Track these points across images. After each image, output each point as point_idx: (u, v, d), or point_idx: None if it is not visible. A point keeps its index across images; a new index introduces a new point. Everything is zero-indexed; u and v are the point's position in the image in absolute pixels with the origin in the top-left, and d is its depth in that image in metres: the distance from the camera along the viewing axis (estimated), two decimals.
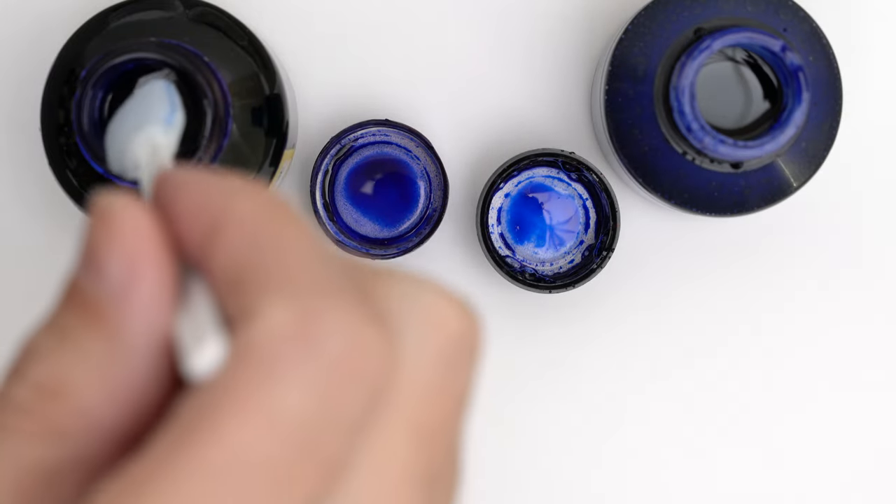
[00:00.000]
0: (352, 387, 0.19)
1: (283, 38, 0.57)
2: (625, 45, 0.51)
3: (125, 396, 0.20)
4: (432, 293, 0.21)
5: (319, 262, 0.20)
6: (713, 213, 0.52)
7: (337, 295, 0.19)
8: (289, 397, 0.19)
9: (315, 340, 0.19)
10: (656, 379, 0.58)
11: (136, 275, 0.20)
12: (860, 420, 0.58)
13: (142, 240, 0.20)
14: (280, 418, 0.19)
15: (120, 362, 0.20)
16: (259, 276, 0.20)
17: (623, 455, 0.58)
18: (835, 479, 0.58)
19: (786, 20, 0.51)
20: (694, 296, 0.58)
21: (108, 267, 0.20)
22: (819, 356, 0.58)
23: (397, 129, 0.55)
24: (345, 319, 0.19)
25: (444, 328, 0.21)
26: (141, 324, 0.20)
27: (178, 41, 0.49)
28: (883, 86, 0.58)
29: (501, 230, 0.57)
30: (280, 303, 0.19)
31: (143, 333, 0.20)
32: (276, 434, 0.18)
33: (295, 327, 0.19)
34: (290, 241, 0.20)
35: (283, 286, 0.19)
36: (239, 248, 0.20)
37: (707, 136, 0.48)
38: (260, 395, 0.19)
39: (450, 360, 0.21)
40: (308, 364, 0.19)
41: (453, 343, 0.21)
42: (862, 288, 0.58)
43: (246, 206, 0.20)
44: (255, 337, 0.19)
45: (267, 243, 0.20)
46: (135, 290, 0.20)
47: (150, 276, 0.20)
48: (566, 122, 0.58)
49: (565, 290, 0.55)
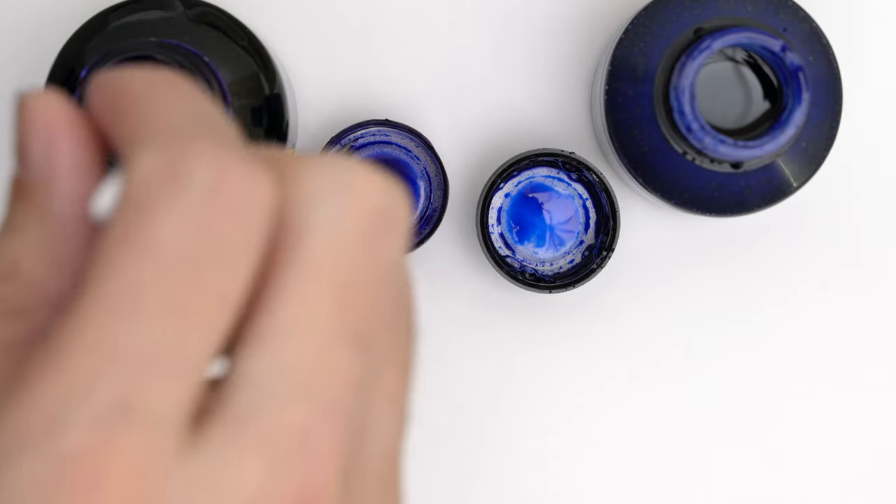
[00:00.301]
0: (224, 217, 0.20)
1: (283, 38, 0.57)
2: (625, 45, 0.51)
3: (67, 265, 0.22)
4: (352, 170, 0.22)
5: (199, 119, 0.22)
6: (713, 213, 0.52)
7: (205, 139, 0.21)
8: (163, 232, 0.20)
9: (181, 178, 0.20)
10: (656, 378, 0.58)
11: (53, 151, 0.22)
12: (860, 420, 0.58)
13: (54, 119, 0.23)
14: (161, 252, 0.20)
15: (55, 235, 0.22)
16: (138, 132, 0.22)
17: (624, 454, 0.58)
18: (834, 478, 0.58)
19: (786, 20, 0.51)
20: (694, 295, 0.58)
21: (31, 152, 0.23)
22: (819, 356, 0.58)
23: (397, 129, 0.55)
24: (210, 156, 0.21)
25: (364, 200, 0.22)
26: (64, 194, 0.22)
27: (178, 41, 0.49)
28: (883, 86, 0.58)
29: (501, 230, 0.57)
30: (150, 149, 0.21)
31: (68, 203, 0.22)
32: (162, 265, 0.20)
33: (162, 169, 0.21)
34: (174, 103, 0.22)
35: (156, 136, 0.21)
36: (125, 115, 0.22)
37: (707, 136, 0.48)
38: (137, 235, 0.20)
39: (370, 228, 0.22)
40: (176, 200, 0.20)
41: (373, 213, 0.22)
42: (862, 288, 0.58)
43: (139, 83, 0.23)
44: (129, 184, 0.21)
45: (149, 106, 0.22)
46: (54, 165, 0.22)
47: (65, 150, 0.22)
48: (566, 122, 0.58)
49: (565, 290, 0.55)
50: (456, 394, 0.58)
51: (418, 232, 0.56)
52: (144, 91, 0.22)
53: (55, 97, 0.23)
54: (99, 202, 0.22)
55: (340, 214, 0.22)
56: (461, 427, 0.58)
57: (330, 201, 0.22)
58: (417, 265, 0.58)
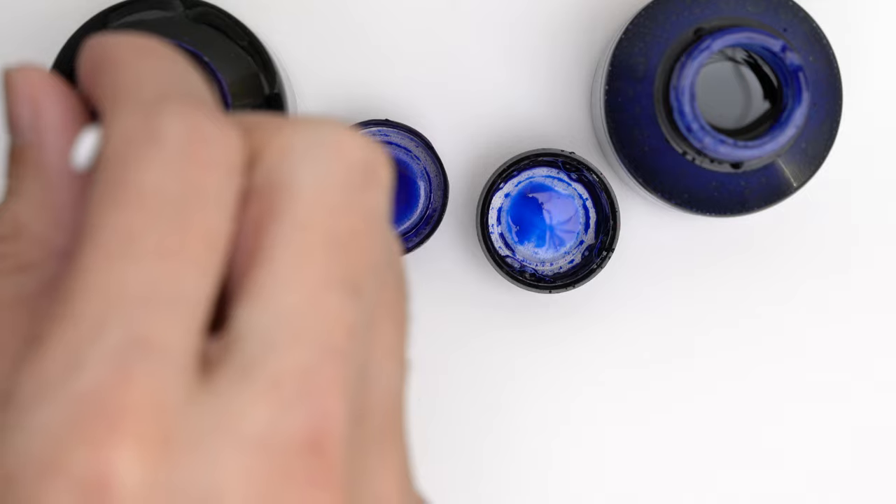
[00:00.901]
0: (198, 167, 0.22)
1: (283, 38, 0.57)
2: (625, 45, 0.51)
3: (66, 217, 0.24)
4: (333, 127, 0.23)
5: (175, 81, 0.23)
6: (713, 213, 0.52)
7: (178, 99, 0.22)
8: (145, 180, 0.21)
9: (155, 134, 0.22)
10: (656, 378, 0.58)
11: (39, 112, 0.24)
12: (860, 420, 0.58)
13: (36, 85, 0.24)
14: (145, 198, 0.21)
15: (51, 190, 0.24)
16: (116, 93, 0.23)
17: (624, 453, 0.58)
18: (834, 477, 0.58)
19: (786, 20, 0.51)
20: (694, 295, 0.58)
21: (20, 119, 0.24)
22: (819, 355, 0.58)
23: (397, 129, 0.55)
24: (182, 114, 0.22)
25: (346, 156, 0.23)
26: (53, 150, 0.24)
27: (178, 41, 0.49)
28: (883, 86, 0.58)
29: (501, 230, 0.57)
30: (127, 109, 0.22)
31: (58, 158, 0.24)
32: (148, 210, 0.21)
33: (138, 127, 0.22)
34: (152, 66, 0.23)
35: (133, 96, 0.23)
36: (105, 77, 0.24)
37: (707, 136, 0.48)
38: (122, 184, 0.21)
39: (355, 181, 0.23)
40: (153, 153, 0.22)
41: (356, 168, 0.23)
42: (862, 287, 0.58)
43: (122, 47, 0.24)
44: (108, 141, 0.22)
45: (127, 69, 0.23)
46: (41, 123, 0.24)
47: (49, 108, 0.24)
48: (566, 122, 0.58)
49: (565, 290, 0.55)
50: (456, 393, 0.58)
51: (418, 232, 0.56)
52: (125, 55, 0.24)
53: (36, 68, 0.24)
54: (78, 151, 0.23)
55: (325, 168, 0.23)
56: (461, 427, 0.58)
57: (313, 156, 0.23)
58: (417, 265, 0.58)
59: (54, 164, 0.24)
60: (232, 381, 0.21)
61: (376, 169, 0.23)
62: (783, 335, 0.58)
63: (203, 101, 0.23)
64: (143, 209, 0.21)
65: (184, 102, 0.22)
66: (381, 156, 0.24)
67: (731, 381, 0.58)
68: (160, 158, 0.21)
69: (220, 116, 0.23)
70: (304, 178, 0.22)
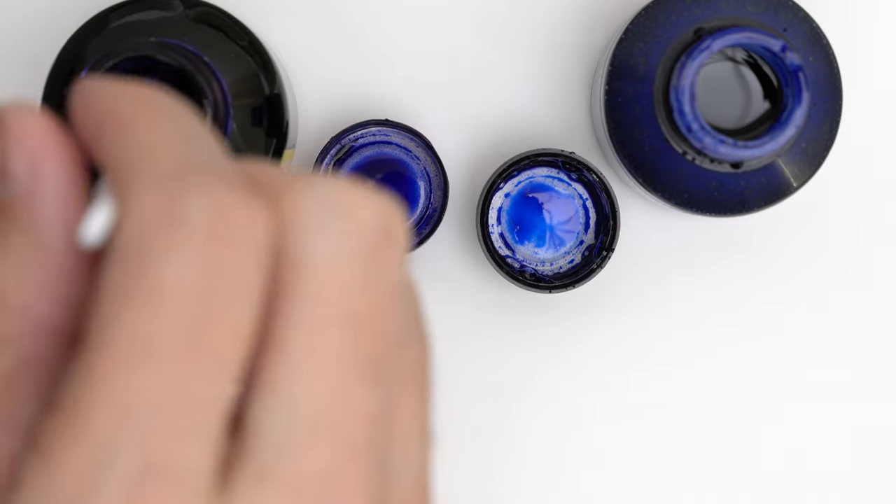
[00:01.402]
0: (225, 253, 0.20)
1: (283, 38, 0.57)
2: (625, 45, 0.51)
3: (56, 290, 0.21)
4: (346, 191, 0.22)
5: (185, 147, 0.21)
6: (713, 213, 0.52)
7: (197, 172, 0.20)
8: (167, 275, 0.20)
9: (178, 218, 0.20)
10: (656, 378, 0.58)
11: (38, 168, 0.22)
12: (862, 420, 0.58)
13: (40, 138, 0.22)
14: (167, 297, 0.19)
15: (42, 256, 0.21)
16: (127, 164, 0.21)
17: (624, 453, 0.58)
18: (834, 477, 0.58)
19: (786, 20, 0.51)
20: (694, 295, 0.58)
21: (13, 168, 0.22)
22: (819, 355, 0.58)
23: (397, 129, 0.55)
24: (205, 192, 0.20)
25: (360, 220, 0.22)
26: (51, 214, 0.21)
27: (178, 41, 0.49)
28: (883, 86, 0.58)
29: (501, 230, 0.57)
30: (144, 189, 0.20)
31: (56, 225, 0.21)
32: (170, 310, 0.19)
33: (159, 210, 0.20)
34: (162, 129, 0.21)
35: (147, 173, 0.21)
36: (114, 141, 0.21)
37: (707, 136, 0.48)
38: (141, 281, 0.20)
39: (370, 250, 0.22)
40: (175, 241, 0.20)
41: (371, 233, 0.22)
42: (862, 287, 0.58)
43: (126, 103, 0.22)
44: (126, 225, 0.20)
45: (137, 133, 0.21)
46: (39, 182, 0.22)
47: (51, 168, 0.22)
48: (566, 122, 0.58)
49: (565, 290, 0.55)
50: (455, 393, 0.58)
51: (418, 232, 0.56)
52: (130, 112, 0.22)
53: (34, 111, 0.22)
54: (88, 229, 0.21)
55: (338, 240, 0.21)
56: (461, 427, 0.58)
57: (326, 227, 0.21)
58: (417, 265, 0.58)
59: (50, 230, 0.21)
60: (251, 487, 0.20)
61: (392, 230, 0.22)
62: (783, 335, 0.58)
63: (222, 167, 0.21)
64: (164, 309, 0.19)
65: (204, 174, 0.20)
66: (395, 214, 0.22)
67: (731, 381, 0.58)
68: (184, 247, 0.20)
69: (243, 186, 0.21)
70: (318, 251, 0.21)
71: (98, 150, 0.22)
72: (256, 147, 0.51)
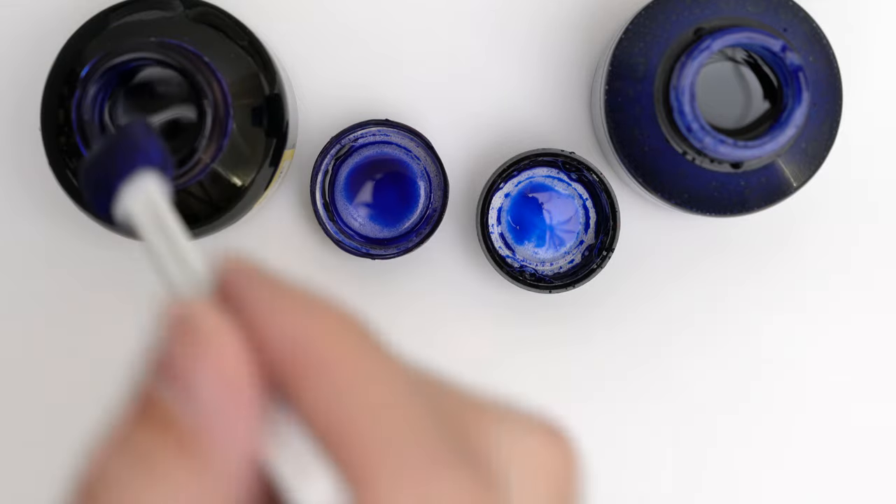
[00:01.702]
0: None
1: (283, 38, 0.57)
2: (625, 45, 0.51)
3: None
4: (531, 434, 0.21)
5: (418, 421, 0.19)
6: (713, 213, 0.52)
7: (448, 467, 0.19)
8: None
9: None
10: (656, 378, 0.58)
11: (234, 402, 0.19)
12: (862, 419, 0.58)
13: (239, 365, 0.19)
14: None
15: (211, 494, 0.19)
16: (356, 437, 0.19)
17: (623, 453, 0.58)
18: (834, 477, 0.58)
19: (786, 20, 0.51)
20: (694, 295, 0.58)
21: (200, 389, 0.19)
22: (819, 355, 0.58)
23: (397, 129, 0.55)
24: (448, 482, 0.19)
25: (548, 472, 0.22)
26: (236, 454, 0.19)
27: (178, 41, 0.49)
28: (883, 86, 0.58)
29: (501, 230, 0.57)
30: (392, 480, 0.18)
31: (237, 464, 0.19)
32: None
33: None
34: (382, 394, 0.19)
35: (389, 457, 0.19)
36: (328, 396, 0.19)
37: (707, 136, 0.48)
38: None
39: (556, 500, 0.22)
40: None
41: (558, 485, 0.22)
42: (862, 287, 0.58)
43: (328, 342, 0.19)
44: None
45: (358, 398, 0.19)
46: (231, 418, 0.19)
47: (247, 404, 0.19)
48: (566, 122, 0.58)
49: (565, 290, 0.55)
50: None
51: (418, 232, 0.56)
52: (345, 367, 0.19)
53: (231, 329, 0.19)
54: (311, 490, 0.19)
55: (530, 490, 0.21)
56: None
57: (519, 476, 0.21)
58: (418, 265, 0.58)
59: (231, 470, 0.19)
60: None
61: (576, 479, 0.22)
62: (783, 335, 0.58)
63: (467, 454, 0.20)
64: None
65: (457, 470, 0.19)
66: (577, 459, 0.22)
67: (730, 382, 0.58)
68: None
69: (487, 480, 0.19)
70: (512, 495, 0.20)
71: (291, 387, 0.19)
72: (256, 147, 0.51)
